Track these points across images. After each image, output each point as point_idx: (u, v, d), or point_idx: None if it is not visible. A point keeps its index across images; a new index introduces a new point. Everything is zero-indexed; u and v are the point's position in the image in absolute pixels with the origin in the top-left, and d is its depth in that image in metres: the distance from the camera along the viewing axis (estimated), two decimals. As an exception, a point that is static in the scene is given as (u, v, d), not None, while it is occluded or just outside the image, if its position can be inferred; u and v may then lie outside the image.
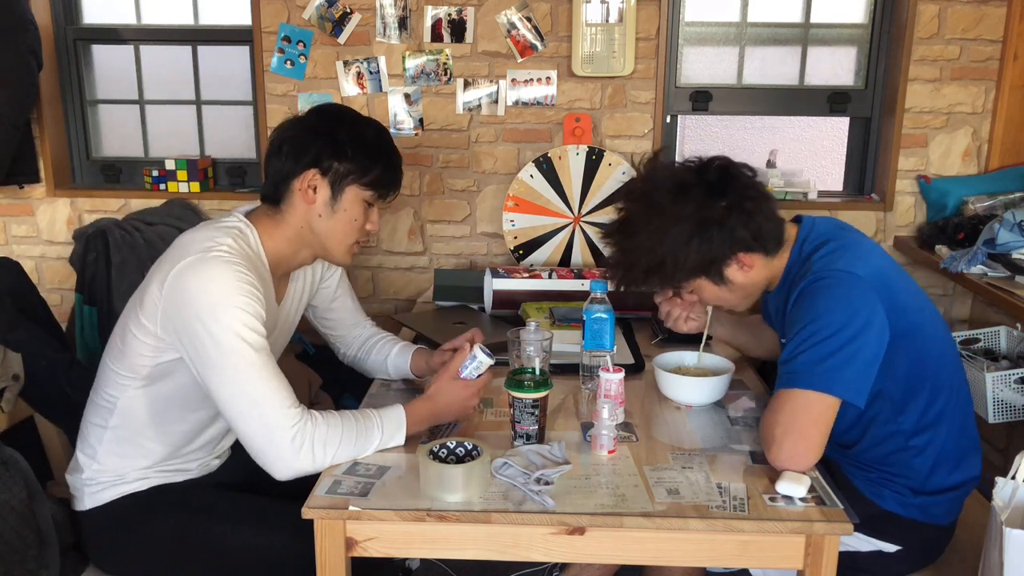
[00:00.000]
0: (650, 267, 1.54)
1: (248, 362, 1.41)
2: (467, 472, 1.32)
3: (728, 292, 1.59)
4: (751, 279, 1.57)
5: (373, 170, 1.58)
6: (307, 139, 1.57)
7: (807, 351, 1.41)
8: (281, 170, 1.57)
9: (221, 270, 1.44)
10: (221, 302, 1.42)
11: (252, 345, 1.42)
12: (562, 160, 2.73)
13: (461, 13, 2.72)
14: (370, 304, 2.97)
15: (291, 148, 1.57)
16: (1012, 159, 2.74)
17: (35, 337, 1.85)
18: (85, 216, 2.95)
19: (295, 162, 1.56)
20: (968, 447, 1.58)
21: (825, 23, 2.82)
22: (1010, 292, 2.23)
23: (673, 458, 1.47)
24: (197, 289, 1.43)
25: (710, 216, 1.50)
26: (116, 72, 3.02)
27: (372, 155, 1.58)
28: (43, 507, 1.49)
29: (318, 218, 1.58)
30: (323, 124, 1.59)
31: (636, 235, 1.55)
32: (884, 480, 1.55)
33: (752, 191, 1.53)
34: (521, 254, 2.77)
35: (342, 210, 1.58)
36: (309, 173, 1.55)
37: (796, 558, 1.30)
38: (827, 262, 1.48)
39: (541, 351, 1.64)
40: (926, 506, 1.54)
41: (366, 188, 1.59)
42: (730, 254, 1.53)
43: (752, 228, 1.52)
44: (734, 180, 1.53)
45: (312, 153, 1.55)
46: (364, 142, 1.58)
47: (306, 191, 1.56)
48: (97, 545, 1.61)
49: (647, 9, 2.69)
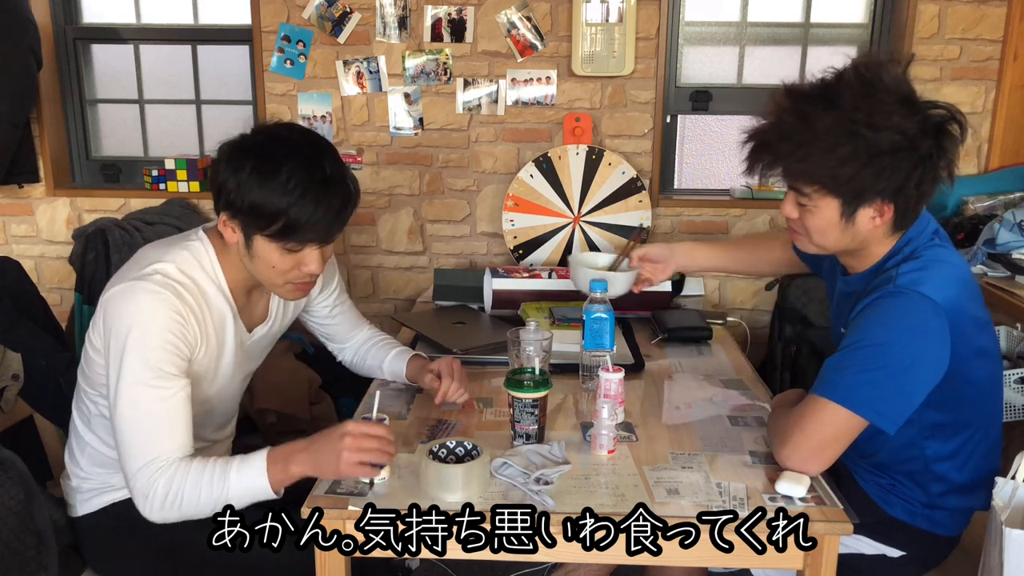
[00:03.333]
0: (816, 154, 1.35)
1: (132, 403, 1.37)
2: (467, 472, 1.32)
3: (834, 229, 1.42)
4: (864, 234, 1.42)
5: (277, 221, 1.38)
6: (218, 176, 1.42)
7: (857, 369, 1.35)
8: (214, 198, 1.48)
9: (145, 302, 1.39)
10: (135, 337, 1.37)
11: (150, 385, 1.37)
12: (562, 160, 2.73)
13: (461, 13, 2.72)
14: (370, 304, 2.97)
15: (211, 181, 1.46)
16: (1012, 159, 2.74)
17: (35, 337, 1.84)
18: (85, 215, 2.95)
19: (215, 197, 1.45)
20: (987, 474, 1.53)
21: (825, 23, 2.82)
22: (1010, 292, 2.23)
23: (673, 458, 1.47)
24: (116, 317, 1.39)
25: (913, 147, 1.33)
26: (116, 71, 3.02)
27: (276, 204, 1.37)
28: (41, 509, 1.48)
29: (244, 257, 1.47)
30: (236, 159, 1.41)
31: (833, 111, 1.35)
32: (895, 487, 1.53)
33: (952, 161, 1.37)
34: (521, 254, 2.76)
35: (256, 256, 1.44)
36: (223, 215, 1.44)
37: (796, 558, 1.30)
38: (911, 279, 1.37)
39: (541, 351, 1.64)
40: (935, 518, 1.52)
41: (272, 240, 1.41)
42: (887, 197, 1.37)
43: (922, 191, 1.36)
44: (951, 139, 1.36)
45: (221, 195, 1.42)
46: (268, 186, 1.37)
47: (225, 228, 1.45)
48: (93, 549, 1.60)
49: (647, 9, 2.69)
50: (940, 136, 1.36)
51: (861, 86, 1.35)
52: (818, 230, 1.45)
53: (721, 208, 2.86)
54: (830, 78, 1.39)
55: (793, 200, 1.47)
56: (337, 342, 1.88)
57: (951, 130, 1.37)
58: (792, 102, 1.41)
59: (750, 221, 2.86)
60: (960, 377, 1.41)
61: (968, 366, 1.42)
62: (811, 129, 1.36)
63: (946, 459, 1.49)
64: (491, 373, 1.83)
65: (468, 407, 1.67)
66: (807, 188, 1.42)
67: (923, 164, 1.35)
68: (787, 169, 1.43)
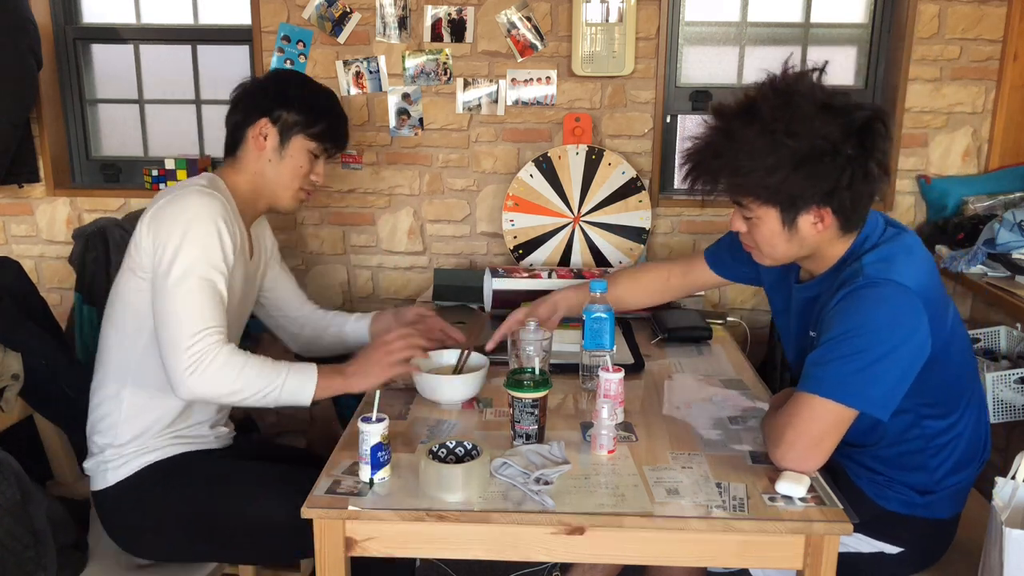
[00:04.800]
0: (745, 167, 1.40)
1: (186, 287, 1.52)
2: (467, 472, 1.32)
3: (779, 238, 1.46)
4: (811, 240, 1.46)
5: (319, 123, 1.76)
6: (260, 93, 1.77)
7: (840, 361, 1.36)
8: (238, 122, 1.76)
9: (200, 200, 1.59)
10: (194, 228, 1.55)
11: (201, 275, 1.53)
12: (562, 160, 2.73)
13: (461, 13, 2.72)
14: (370, 304, 2.97)
15: (246, 101, 1.77)
16: (1012, 159, 2.74)
17: (34, 337, 1.84)
18: (85, 215, 2.95)
19: (248, 113, 1.75)
20: (981, 443, 1.59)
21: (825, 23, 2.82)
22: (1010, 292, 2.23)
23: (673, 458, 1.47)
24: (174, 216, 1.57)
25: (836, 151, 1.37)
26: (116, 71, 3.02)
27: (319, 111, 1.77)
28: (38, 508, 1.48)
29: (268, 163, 1.75)
30: (276, 82, 1.81)
31: (756, 124, 1.39)
32: (890, 482, 1.54)
33: (882, 159, 1.40)
34: (521, 254, 2.76)
35: (289, 156, 1.75)
36: (261, 121, 1.73)
37: (796, 558, 1.30)
38: (879, 269, 1.40)
39: (541, 351, 1.64)
40: (930, 504, 1.54)
41: (311, 139, 1.76)
42: (821, 202, 1.40)
43: (856, 191, 1.39)
44: (877, 138, 1.40)
45: (264, 104, 1.74)
46: (312, 99, 1.78)
47: (258, 138, 1.74)
48: (114, 519, 1.65)
49: (647, 9, 2.69)
50: (864, 135, 1.38)
51: (777, 97, 1.40)
52: (765, 241, 1.49)
53: (721, 208, 2.86)
54: (752, 92, 1.45)
55: (739, 215, 1.51)
56: (287, 313, 1.97)
57: (877, 129, 1.40)
58: (719, 121, 1.46)
59: (750, 221, 2.86)
60: (944, 355, 1.43)
61: (949, 343, 1.46)
62: (737, 143, 1.41)
63: (945, 432, 1.51)
64: (491, 373, 1.83)
65: (466, 407, 1.69)
66: (745, 201, 1.46)
67: (851, 165, 1.38)
68: (725, 185, 1.46)
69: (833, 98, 1.40)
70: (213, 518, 1.61)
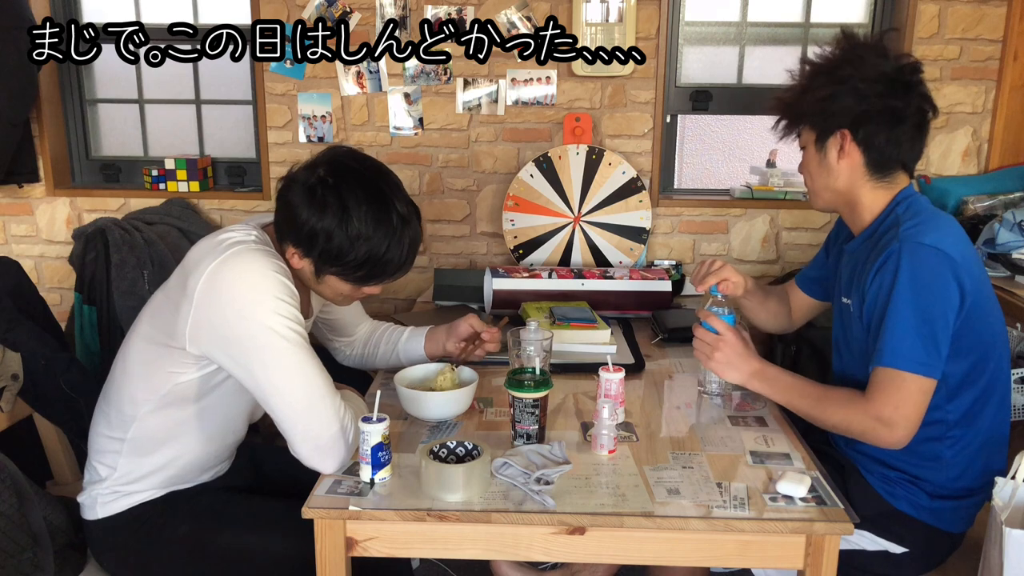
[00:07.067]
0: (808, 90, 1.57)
1: (296, 360, 1.37)
2: (467, 472, 1.32)
3: (814, 163, 1.60)
4: (836, 171, 1.57)
5: (359, 270, 1.46)
6: (296, 216, 1.42)
7: (910, 331, 1.41)
8: (278, 219, 1.49)
9: (261, 262, 1.39)
10: (265, 296, 1.36)
11: (293, 343, 1.38)
12: (562, 160, 2.73)
13: (461, 13, 2.72)
14: (370, 304, 2.96)
15: (283, 213, 1.46)
16: (1012, 159, 2.74)
17: (34, 337, 1.84)
18: (84, 215, 2.95)
19: (285, 228, 1.46)
20: (997, 447, 1.57)
21: (825, 23, 2.82)
22: (1010, 292, 2.23)
23: (673, 458, 1.47)
24: (234, 283, 1.36)
25: (875, 78, 1.50)
26: (116, 71, 3.02)
27: (358, 263, 1.45)
28: (35, 510, 1.48)
29: (309, 280, 1.53)
30: (322, 206, 1.41)
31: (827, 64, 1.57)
32: (902, 479, 1.54)
33: (917, 108, 1.52)
34: (521, 254, 2.76)
35: (326, 285, 1.51)
36: (294, 250, 1.46)
37: (796, 558, 1.30)
38: (916, 233, 1.45)
39: (541, 351, 1.64)
40: (939, 511, 1.53)
41: (349, 282, 1.50)
42: (846, 123, 1.53)
43: (880, 125, 1.51)
44: (918, 86, 1.53)
45: (296, 235, 1.44)
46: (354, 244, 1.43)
47: (292, 257, 1.48)
48: (107, 552, 1.58)
49: (647, 9, 2.69)
50: (912, 80, 1.52)
51: (848, 43, 1.58)
52: (807, 171, 1.63)
53: (721, 208, 2.86)
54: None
55: (802, 152, 1.66)
56: (344, 335, 1.88)
57: (917, 78, 1.53)
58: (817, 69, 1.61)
59: (750, 221, 2.86)
60: (978, 321, 1.47)
61: (984, 312, 1.49)
62: (808, 81, 1.60)
63: (967, 422, 1.52)
64: (491, 373, 1.83)
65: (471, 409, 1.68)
66: (799, 128, 1.63)
67: (886, 99, 1.50)
68: (789, 117, 1.65)
69: (889, 49, 1.55)
70: (204, 555, 1.53)
